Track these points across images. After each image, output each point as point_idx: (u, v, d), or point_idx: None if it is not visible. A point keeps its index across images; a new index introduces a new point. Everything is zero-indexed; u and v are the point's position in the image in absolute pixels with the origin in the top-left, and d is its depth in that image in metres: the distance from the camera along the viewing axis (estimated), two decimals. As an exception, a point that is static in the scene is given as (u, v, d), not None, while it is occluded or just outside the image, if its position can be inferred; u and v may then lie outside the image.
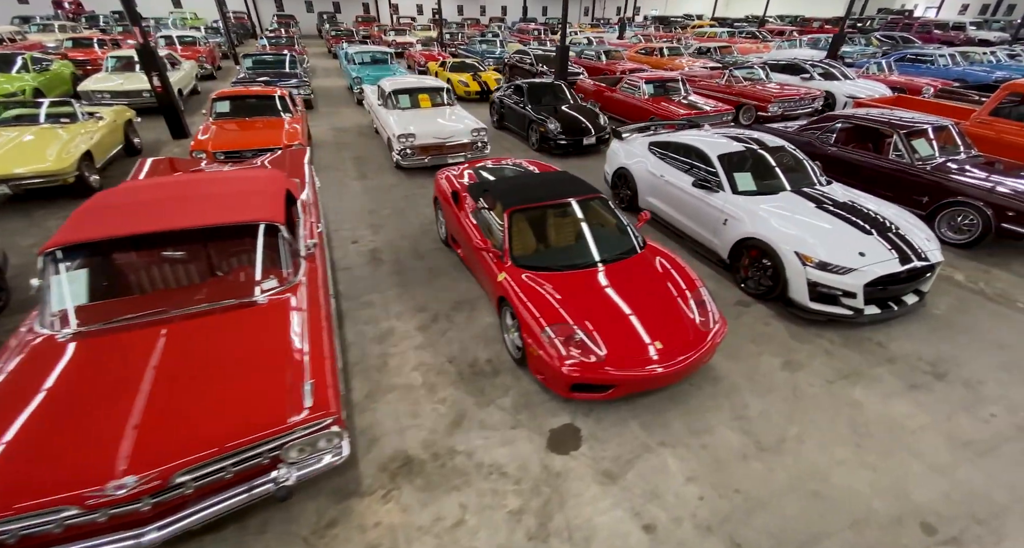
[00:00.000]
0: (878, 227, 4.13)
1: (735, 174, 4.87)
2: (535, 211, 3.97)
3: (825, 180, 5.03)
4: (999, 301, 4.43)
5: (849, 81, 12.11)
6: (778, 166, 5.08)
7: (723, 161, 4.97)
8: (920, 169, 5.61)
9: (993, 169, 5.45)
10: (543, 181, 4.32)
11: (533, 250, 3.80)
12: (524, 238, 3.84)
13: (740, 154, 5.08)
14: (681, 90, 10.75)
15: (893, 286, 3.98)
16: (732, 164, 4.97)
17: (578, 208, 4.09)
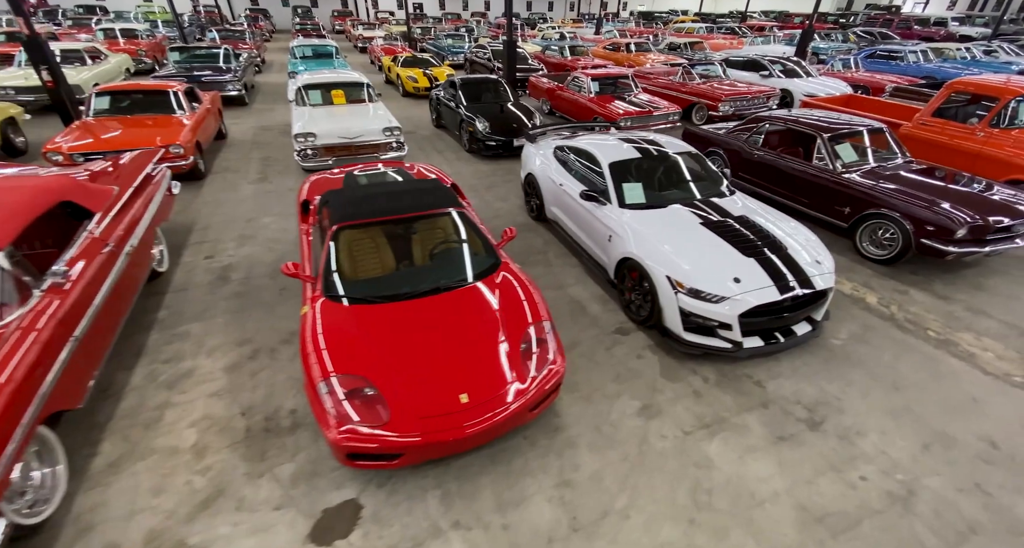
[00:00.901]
0: (761, 248, 3.61)
1: (625, 185, 4.34)
2: (368, 228, 3.40)
3: (728, 190, 4.51)
4: (908, 329, 3.93)
5: (810, 79, 11.62)
6: (675, 175, 4.57)
7: (614, 170, 4.45)
8: (840, 177, 5.10)
9: (923, 178, 4.95)
10: (396, 192, 3.73)
11: (354, 276, 3.22)
12: (348, 261, 3.27)
13: (634, 162, 4.54)
14: (632, 88, 10.23)
15: (783, 315, 3.47)
16: (624, 173, 4.44)
17: (424, 225, 3.54)
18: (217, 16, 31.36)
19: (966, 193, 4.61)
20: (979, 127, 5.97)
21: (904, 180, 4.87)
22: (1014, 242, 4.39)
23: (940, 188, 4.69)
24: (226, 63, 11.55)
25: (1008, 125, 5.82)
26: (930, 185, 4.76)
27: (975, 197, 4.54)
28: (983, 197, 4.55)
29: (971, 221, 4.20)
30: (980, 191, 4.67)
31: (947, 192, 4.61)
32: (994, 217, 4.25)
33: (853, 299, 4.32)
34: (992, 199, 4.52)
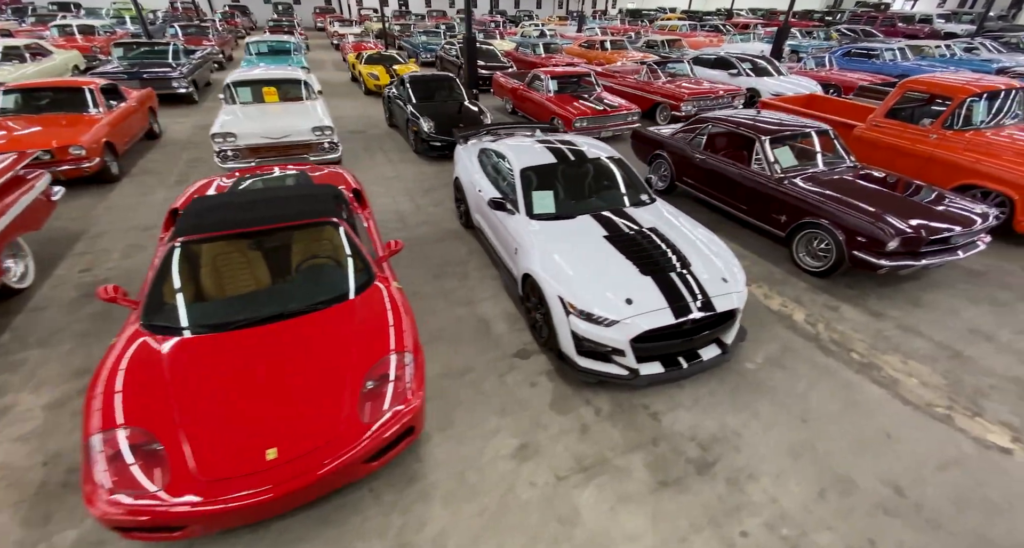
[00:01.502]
0: (662, 265, 3.26)
1: (535, 192, 4.00)
2: (215, 243, 3.01)
3: (650, 198, 4.17)
4: (831, 351, 3.61)
5: (779, 77, 11.30)
6: (592, 183, 4.22)
7: (526, 176, 4.10)
8: (777, 182, 4.77)
9: (864, 184, 4.62)
10: (263, 200, 3.33)
11: (189, 301, 2.81)
12: (187, 283, 2.88)
13: (548, 168, 4.20)
14: (594, 87, 9.88)
15: (683, 339, 3.13)
16: (536, 179, 4.10)
17: (284, 239, 3.17)
18: (193, 13, 30.78)
19: (906, 201, 4.29)
20: (932, 129, 5.66)
21: (842, 187, 4.55)
22: (954, 254, 4.08)
23: (879, 196, 4.37)
24: (175, 59, 11.09)
25: (962, 127, 5.51)
26: (869, 192, 4.44)
27: (915, 205, 4.22)
28: (924, 206, 4.23)
29: (904, 232, 3.88)
30: (922, 199, 4.35)
31: (885, 200, 4.29)
32: (930, 228, 3.93)
33: (779, 316, 3.99)
34: (933, 208, 4.20)
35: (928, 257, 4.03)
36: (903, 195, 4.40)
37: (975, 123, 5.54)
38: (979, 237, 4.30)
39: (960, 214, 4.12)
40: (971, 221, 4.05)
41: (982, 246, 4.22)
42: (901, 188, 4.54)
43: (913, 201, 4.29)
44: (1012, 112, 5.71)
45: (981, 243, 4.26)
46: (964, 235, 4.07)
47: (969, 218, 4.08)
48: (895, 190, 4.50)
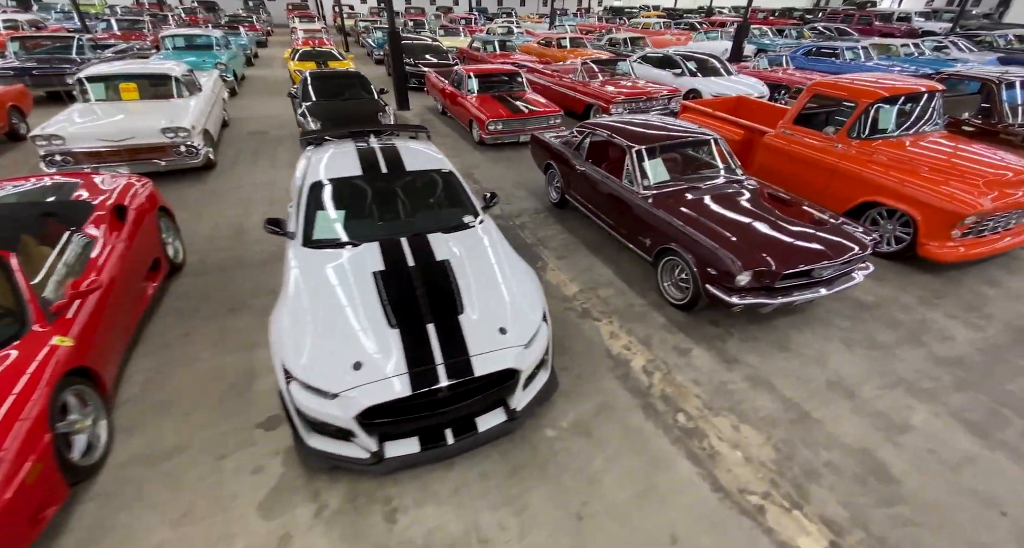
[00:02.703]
0: (421, 315, 2.61)
1: (320, 212, 3.34)
2: None
3: (478, 220, 3.51)
4: (656, 411, 2.98)
5: (726, 78, 10.68)
6: (402, 200, 3.56)
7: (315, 191, 3.43)
8: (642, 200, 4.14)
9: (738, 204, 4.00)
10: None
11: None
12: None
13: (348, 182, 3.53)
14: (520, 87, 9.22)
15: (439, 410, 2.48)
16: (330, 196, 3.44)
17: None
18: (157, 8, 29.89)
19: (777, 225, 3.66)
20: (837, 137, 5.04)
21: (714, 207, 3.92)
22: (816, 291, 3.46)
23: (749, 218, 3.75)
24: (79, 54, 10.36)
25: (868, 135, 4.89)
26: (740, 213, 3.82)
27: (785, 231, 3.60)
28: (796, 231, 3.60)
29: (756, 265, 3.25)
30: (799, 223, 3.72)
31: (752, 224, 3.67)
32: (788, 260, 3.30)
33: (616, 362, 3.36)
34: (807, 234, 3.57)
35: (787, 294, 3.41)
36: (778, 217, 3.77)
37: (884, 131, 4.93)
38: (855, 268, 3.68)
39: (835, 242, 3.50)
40: (843, 250, 3.42)
41: (858, 279, 3.60)
42: (781, 208, 3.92)
43: (784, 225, 3.66)
44: (929, 119, 5.10)
45: (858, 275, 3.64)
46: (831, 267, 3.45)
47: (843, 247, 3.46)
48: (774, 211, 3.87)
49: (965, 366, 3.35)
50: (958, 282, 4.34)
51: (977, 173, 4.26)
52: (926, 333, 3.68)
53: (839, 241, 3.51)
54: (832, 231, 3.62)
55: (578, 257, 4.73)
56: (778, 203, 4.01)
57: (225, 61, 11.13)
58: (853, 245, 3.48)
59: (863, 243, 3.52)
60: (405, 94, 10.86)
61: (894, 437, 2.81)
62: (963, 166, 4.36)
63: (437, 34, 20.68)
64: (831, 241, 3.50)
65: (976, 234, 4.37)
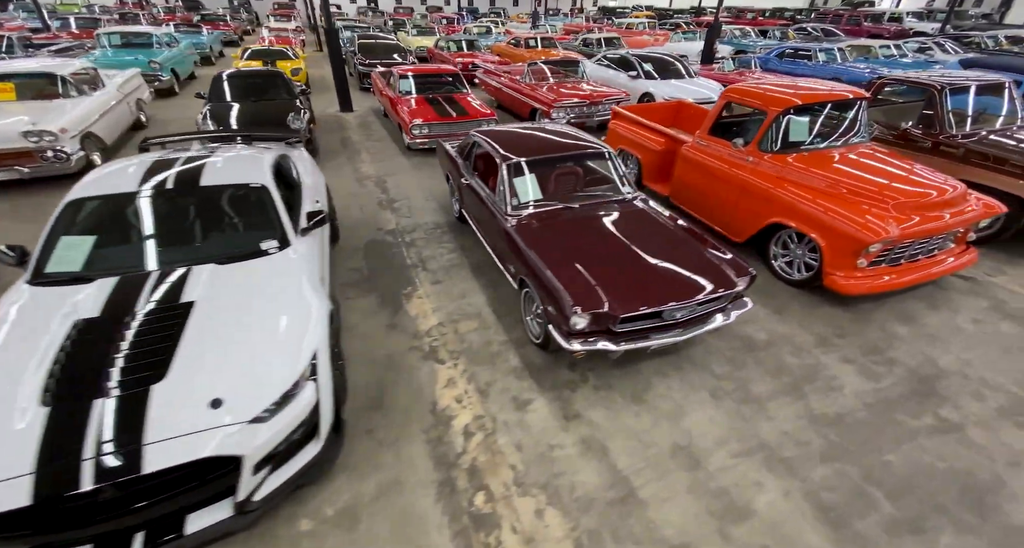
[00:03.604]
0: (97, 384, 2.05)
1: (67, 238, 2.82)
2: None
3: (282, 246, 3.01)
4: (451, 490, 2.48)
5: (685, 80, 10.17)
6: (187, 223, 3.03)
7: (66, 213, 2.89)
8: (506, 222, 3.65)
9: (611, 229, 3.50)
10: None
11: None
12: None
13: (116, 200, 2.96)
14: (459, 88, 8.72)
15: (110, 513, 1.95)
16: (87, 219, 2.90)
17: None
18: (139, 7, 29.49)
19: (640, 258, 3.16)
20: (748, 150, 4.52)
21: (574, 234, 3.42)
22: (669, 335, 2.95)
23: (616, 248, 3.25)
24: (8, 52, 9.92)
25: (781, 148, 4.37)
26: (605, 243, 3.31)
27: (647, 265, 3.09)
28: (661, 266, 3.10)
29: (592, 307, 2.75)
30: (672, 254, 3.21)
31: (613, 256, 3.17)
32: (633, 301, 2.80)
33: (438, 419, 2.86)
34: (670, 269, 3.06)
35: (636, 338, 2.91)
36: (647, 247, 3.26)
37: (799, 144, 4.41)
38: (726, 307, 3.17)
39: (694, 280, 2.99)
40: (698, 290, 2.92)
41: (723, 320, 3.09)
42: (656, 236, 3.41)
43: (647, 257, 3.15)
44: (852, 130, 4.58)
45: (725, 316, 3.12)
46: (685, 309, 2.95)
47: (698, 286, 2.95)
48: (649, 238, 3.36)
49: (843, 427, 2.84)
50: (868, 317, 3.83)
51: (893, 193, 3.74)
52: (812, 382, 3.17)
53: (699, 279, 3.00)
54: (701, 266, 3.11)
55: (456, 282, 4.23)
56: (656, 229, 3.50)
57: (160, 60, 10.66)
58: (711, 284, 2.97)
59: (730, 281, 3.01)
60: (347, 95, 10.37)
61: (727, 527, 2.30)
62: (878, 185, 3.84)
63: (410, 33, 20.19)
64: (689, 279, 2.99)
65: (891, 262, 3.86)
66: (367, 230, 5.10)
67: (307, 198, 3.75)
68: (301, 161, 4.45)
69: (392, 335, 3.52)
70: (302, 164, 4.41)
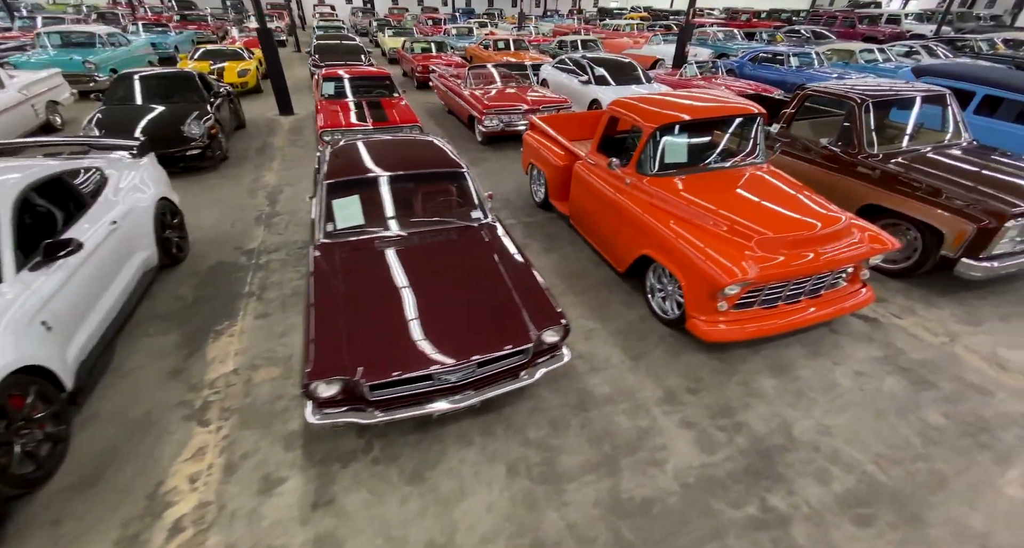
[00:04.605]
0: None
1: None
2: None
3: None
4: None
5: (641, 86, 9.65)
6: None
7: None
8: (314, 249, 3.19)
9: (421, 268, 3.04)
10: None
11: None
12: None
13: None
14: (388, 93, 8.28)
15: None
16: None
17: None
18: (131, 7, 29.38)
19: (428, 308, 2.69)
20: (626, 171, 4.03)
21: (371, 272, 2.95)
22: (452, 398, 2.48)
23: (419, 290, 2.78)
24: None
25: (660, 170, 3.88)
26: (401, 284, 2.85)
27: (432, 317, 2.63)
28: (449, 318, 2.63)
29: (333, 372, 2.28)
30: (471, 302, 2.75)
31: (396, 306, 2.70)
32: (385, 367, 2.33)
33: (150, 507, 2.40)
34: (456, 323, 2.59)
35: (401, 407, 2.44)
36: (452, 290, 2.80)
37: (679, 166, 3.91)
38: (523, 366, 2.68)
39: (477, 338, 2.51)
40: (470, 352, 2.44)
41: (525, 381, 2.61)
42: (467, 277, 2.93)
43: (438, 307, 2.68)
44: (749, 150, 4.07)
45: (526, 375, 2.64)
46: (460, 372, 2.47)
47: (480, 344, 2.47)
48: (464, 277, 2.90)
49: (645, 519, 2.35)
50: (735, 367, 3.32)
51: (761, 227, 3.23)
52: (634, 453, 2.69)
53: (486, 335, 2.52)
54: (501, 316, 2.63)
55: (286, 316, 3.78)
56: (479, 265, 3.02)
57: (96, 60, 10.33)
58: (500, 340, 2.49)
59: (523, 336, 2.53)
60: (287, 98, 9.99)
61: None
62: (749, 217, 3.34)
63: (386, 34, 19.80)
64: (475, 334, 2.51)
65: (766, 304, 3.36)
66: (223, 250, 4.67)
67: (94, 222, 3.31)
68: (131, 175, 4.02)
69: (168, 385, 3.07)
70: (130, 179, 3.98)
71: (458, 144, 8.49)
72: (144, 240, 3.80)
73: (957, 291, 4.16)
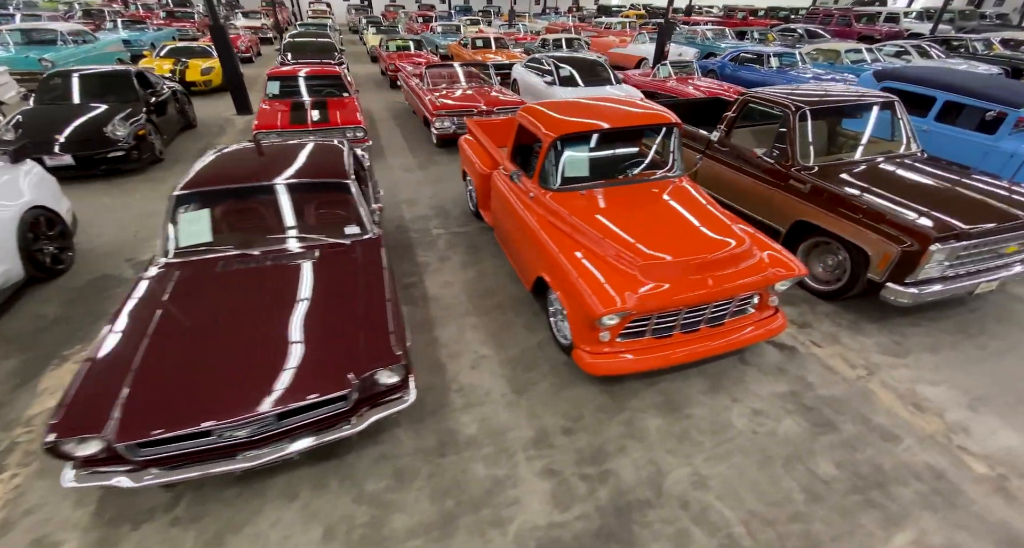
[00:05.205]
0: None
1: None
2: None
3: None
4: None
5: (609, 87, 9.34)
6: None
7: None
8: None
9: (258, 301, 2.76)
10: None
11: None
12: None
13: None
14: (344, 94, 7.99)
15: None
16: None
17: None
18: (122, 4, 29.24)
19: (242, 346, 2.41)
20: (530, 183, 3.74)
21: (196, 302, 2.66)
22: (209, 467, 2.18)
23: (234, 325, 2.50)
24: None
25: (561, 184, 3.58)
26: (229, 314, 2.57)
27: (245, 358, 2.35)
28: (240, 363, 2.34)
29: (83, 429, 1.99)
30: (300, 336, 2.47)
31: (216, 339, 2.42)
32: (159, 420, 2.04)
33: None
34: (248, 371, 2.29)
35: (177, 468, 2.16)
36: (276, 324, 2.52)
37: (581, 180, 3.62)
38: (346, 414, 2.39)
39: (274, 385, 2.21)
40: (276, 398, 2.15)
41: (346, 432, 2.33)
42: (307, 304, 2.65)
43: (252, 345, 2.39)
44: (664, 163, 3.76)
45: (349, 426, 2.36)
46: (249, 426, 2.18)
47: (279, 393, 2.17)
48: (295, 306, 2.61)
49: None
50: (624, 403, 3.03)
51: (650, 250, 2.93)
52: (477, 510, 2.40)
53: (288, 381, 2.21)
54: (318, 359, 2.30)
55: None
56: (317, 296, 2.70)
57: (52, 58, 10.13)
58: (304, 388, 2.17)
59: (335, 383, 2.22)
60: (244, 97, 9.74)
61: None
62: (639, 238, 3.04)
63: (369, 32, 19.50)
64: (271, 384, 2.20)
65: (659, 333, 3.06)
66: (113, 261, 4.41)
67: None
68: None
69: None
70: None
71: (416, 146, 8.22)
72: (2, 252, 3.53)
73: (890, 316, 3.84)
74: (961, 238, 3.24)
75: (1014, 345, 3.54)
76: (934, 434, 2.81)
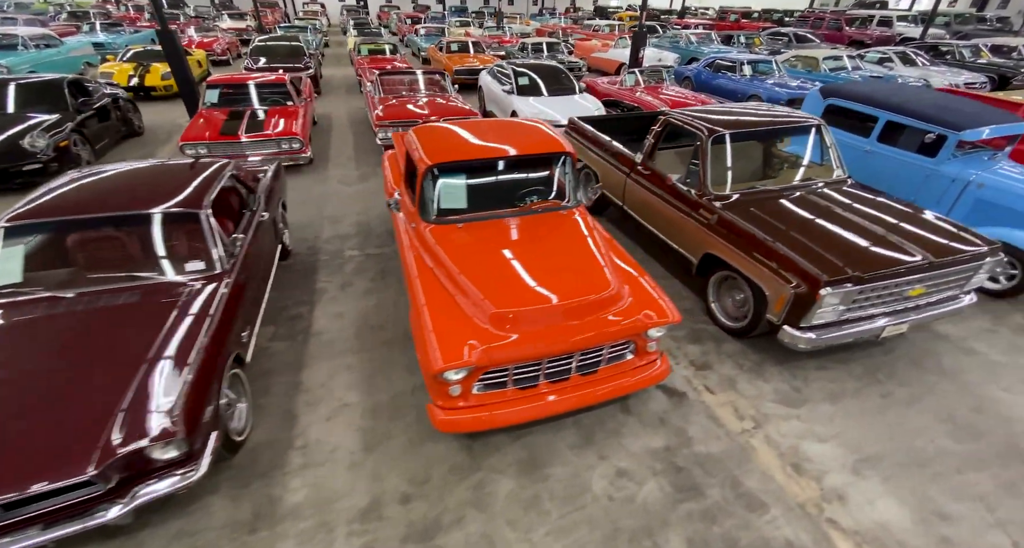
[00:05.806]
0: None
1: None
2: None
3: None
4: None
5: (567, 97, 9.11)
6: None
7: None
8: None
9: (95, 340, 2.55)
10: None
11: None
12: None
13: None
14: (287, 103, 7.77)
15: None
16: None
17: None
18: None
19: (15, 411, 2.20)
20: (410, 213, 3.50)
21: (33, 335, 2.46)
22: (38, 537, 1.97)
23: (28, 382, 2.29)
24: None
25: (439, 216, 3.35)
26: (28, 365, 2.35)
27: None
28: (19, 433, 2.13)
29: None
30: (71, 404, 2.25)
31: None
32: None
33: None
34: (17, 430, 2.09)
35: None
36: (62, 388, 2.29)
37: (458, 212, 3.38)
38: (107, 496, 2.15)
39: None
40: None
41: (113, 515, 2.10)
42: (106, 362, 2.43)
43: (22, 414, 2.17)
44: (562, 194, 3.52)
45: (116, 511, 2.13)
46: None
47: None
48: (94, 363, 2.39)
49: None
50: (483, 460, 2.80)
51: (506, 296, 2.70)
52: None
53: (14, 466, 1.97)
54: (65, 433, 2.02)
55: None
56: (115, 349, 2.40)
57: (6, 64, 9.96)
58: (37, 468, 1.94)
59: (78, 466, 1.94)
60: (195, 103, 9.52)
61: None
62: (505, 283, 2.81)
63: (350, 34, 19.29)
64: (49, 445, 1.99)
65: (522, 384, 2.82)
66: None
67: None
68: None
69: None
70: None
71: (364, 156, 8.00)
72: None
73: (798, 358, 3.60)
74: (856, 282, 2.99)
75: (921, 394, 3.29)
76: (805, 503, 2.57)
